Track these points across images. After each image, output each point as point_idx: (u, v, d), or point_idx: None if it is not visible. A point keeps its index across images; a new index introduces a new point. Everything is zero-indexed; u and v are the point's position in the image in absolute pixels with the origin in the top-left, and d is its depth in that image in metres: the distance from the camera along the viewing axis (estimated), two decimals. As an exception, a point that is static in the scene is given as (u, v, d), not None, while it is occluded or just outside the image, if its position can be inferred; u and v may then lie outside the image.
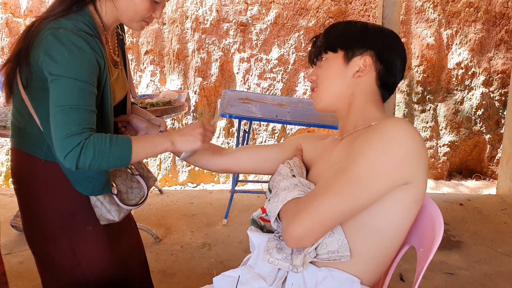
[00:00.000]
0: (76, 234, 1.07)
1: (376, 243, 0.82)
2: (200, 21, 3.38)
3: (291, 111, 2.52)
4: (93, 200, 1.05)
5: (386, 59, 0.90)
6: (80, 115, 0.92)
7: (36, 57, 0.94)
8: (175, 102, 2.52)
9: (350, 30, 0.93)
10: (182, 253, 2.20)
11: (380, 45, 0.90)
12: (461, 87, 3.58)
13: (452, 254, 2.21)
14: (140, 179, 1.15)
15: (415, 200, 0.81)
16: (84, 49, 0.92)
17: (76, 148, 0.90)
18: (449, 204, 2.88)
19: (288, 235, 0.77)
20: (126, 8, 0.99)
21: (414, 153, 0.77)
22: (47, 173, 1.03)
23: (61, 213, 1.05)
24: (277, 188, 0.87)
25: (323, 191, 0.77)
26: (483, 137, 3.59)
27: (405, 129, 0.77)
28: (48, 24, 0.94)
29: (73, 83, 0.91)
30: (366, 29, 0.92)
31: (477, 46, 3.51)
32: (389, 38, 0.92)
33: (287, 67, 3.46)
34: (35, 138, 1.02)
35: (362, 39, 0.91)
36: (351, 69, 0.90)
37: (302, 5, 3.43)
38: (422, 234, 0.89)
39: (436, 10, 3.48)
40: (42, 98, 0.98)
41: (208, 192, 3.15)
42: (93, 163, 0.91)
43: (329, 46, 0.93)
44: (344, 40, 0.92)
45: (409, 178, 0.77)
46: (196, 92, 3.43)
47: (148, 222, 2.50)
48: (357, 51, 0.90)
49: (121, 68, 1.13)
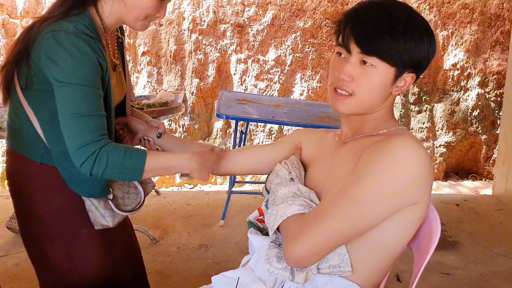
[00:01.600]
0: (71, 236, 1.06)
1: (377, 256, 0.81)
2: (197, 22, 3.38)
3: (288, 112, 2.52)
4: (87, 204, 1.04)
5: (419, 76, 0.85)
6: (92, 122, 0.93)
7: (36, 59, 0.94)
8: (172, 103, 2.51)
9: (420, 50, 0.78)
10: (179, 255, 2.20)
11: (425, 60, 0.81)
12: (457, 88, 3.60)
13: (448, 254, 2.22)
14: (138, 185, 1.14)
15: (419, 218, 0.80)
16: (86, 51, 0.92)
17: (91, 157, 0.92)
18: (445, 204, 2.89)
19: (289, 255, 0.75)
20: (132, 5, 0.98)
21: (422, 175, 0.75)
22: (43, 175, 1.03)
23: (56, 215, 1.05)
24: (275, 195, 0.85)
25: (327, 212, 0.75)
26: (479, 137, 3.61)
27: (415, 150, 0.74)
28: (48, 26, 0.93)
29: (80, 89, 0.91)
30: (432, 50, 0.80)
31: (473, 47, 3.53)
32: (434, 45, 0.82)
33: (284, 68, 3.46)
34: (31, 140, 1.01)
35: (424, 63, 0.81)
36: (395, 86, 0.82)
37: (299, 7, 3.44)
38: (420, 235, 0.90)
39: (432, 11, 3.50)
40: (42, 99, 0.98)
41: (205, 193, 3.14)
42: (106, 173, 0.93)
43: (385, 57, 0.78)
44: (409, 60, 0.79)
45: (416, 199, 0.76)
46: (193, 93, 3.42)
47: (145, 223, 2.49)
48: (407, 69, 0.80)
49: (119, 71, 1.13)
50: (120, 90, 1.13)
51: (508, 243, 2.34)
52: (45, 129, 0.99)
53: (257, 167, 1.06)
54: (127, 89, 1.17)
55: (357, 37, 0.78)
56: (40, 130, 0.99)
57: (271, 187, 0.92)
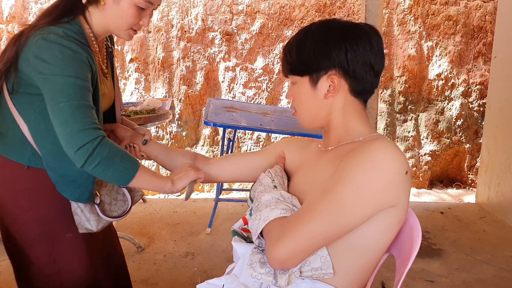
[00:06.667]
0: (55, 241, 1.06)
1: (358, 259, 0.82)
2: (186, 29, 3.39)
3: (275, 120, 2.54)
4: (73, 207, 1.04)
5: (354, 70, 0.84)
6: (88, 111, 0.93)
7: (25, 63, 0.94)
8: (159, 110, 2.50)
9: (304, 53, 0.86)
10: (165, 263, 2.17)
11: (343, 59, 0.83)
12: (442, 97, 3.67)
13: (432, 262, 2.25)
14: (126, 192, 1.14)
15: (398, 220, 0.82)
16: (76, 50, 0.93)
17: (93, 142, 0.90)
18: (430, 212, 2.93)
19: (272, 257, 0.76)
20: (114, 16, 1.00)
21: (400, 177, 0.77)
22: (29, 179, 1.02)
23: (39, 219, 1.04)
24: (259, 201, 0.87)
25: (308, 214, 0.76)
26: (463, 146, 3.68)
27: (392, 153, 0.77)
28: (38, 30, 0.94)
29: (73, 80, 0.91)
30: (322, 47, 0.84)
31: (456, 58, 3.61)
32: (352, 45, 0.83)
33: (272, 77, 3.49)
34: (18, 144, 1.01)
35: (321, 60, 0.85)
36: (321, 91, 0.87)
37: (287, 16, 3.48)
38: (401, 241, 0.91)
39: (417, 23, 3.58)
40: (29, 102, 0.98)
41: (192, 201, 3.12)
42: (100, 165, 0.92)
43: (291, 71, 0.90)
44: (302, 66, 0.87)
45: (394, 201, 0.78)
46: (181, 100, 3.42)
47: (130, 231, 2.46)
48: (321, 72, 0.85)
49: (108, 79, 1.13)
50: (108, 98, 1.13)
51: (490, 250, 2.38)
52: (34, 130, 0.99)
53: (244, 174, 1.07)
54: (116, 97, 1.17)
55: (281, 63, 0.93)
56: (28, 132, 0.99)
57: (255, 195, 0.93)
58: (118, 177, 0.95)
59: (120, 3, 0.98)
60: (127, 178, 0.95)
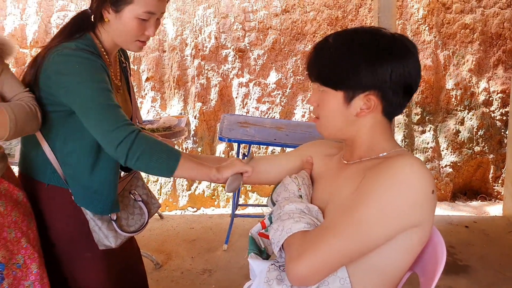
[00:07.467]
0: (76, 260, 1.07)
1: (378, 279, 0.79)
2: (199, 48, 3.44)
3: (290, 134, 2.52)
4: (91, 224, 1.05)
5: (393, 93, 0.79)
6: (116, 110, 0.96)
7: (46, 82, 0.98)
8: (175, 127, 2.53)
9: (344, 67, 0.78)
10: (183, 280, 2.15)
11: (387, 80, 0.78)
12: (461, 107, 3.58)
13: (459, 279, 2.14)
14: (143, 206, 1.15)
15: (421, 241, 0.79)
16: (90, 58, 0.97)
17: (130, 136, 0.92)
18: (454, 226, 2.82)
19: (291, 274, 0.75)
20: (117, 31, 1.02)
21: (425, 197, 0.74)
22: (50, 197, 1.05)
23: (61, 238, 1.06)
24: (282, 209, 0.84)
25: (331, 232, 0.74)
26: (486, 157, 3.56)
27: (418, 171, 0.73)
28: (52, 49, 0.99)
29: (94, 85, 0.95)
30: (367, 65, 0.77)
31: (475, 66, 3.54)
32: (398, 67, 0.78)
33: (285, 91, 3.49)
34: (39, 162, 1.04)
35: (362, 79, 0.78)
36: (353, 109, 0.81)
37: (299, 30, 3.50)
38: (424, 259, 0.87)
39: (432, 32, 3.53)
40: (51, 120, 1.02)
41: (208, 217, 3.11)
42: (142, 157, 0.92)
43: (323, 82, 0.82)
44: (339, 80, 0.80)
45: (418, 221, 0.75)
46: (196, 117, 3.45)
47: (148, 248, 2.46)
48: (358, 90, 0.79)
49: (122, 92, 1.15)
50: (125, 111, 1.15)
51: (521, 266, 2.26)
52: (57, 147, 1.02)
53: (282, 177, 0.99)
54: (133, 110, 1.19)
55: (307, 65, 0.86)
56: (50, 151, 1.02)
57: (278, 200, 0.90)
58: (162, 167, 0.94)
59: (121, 18, 1.00)
60: (171, 167, 0.94)
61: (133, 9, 0.98)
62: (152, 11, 1.00)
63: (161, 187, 3.44)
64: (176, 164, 0.94)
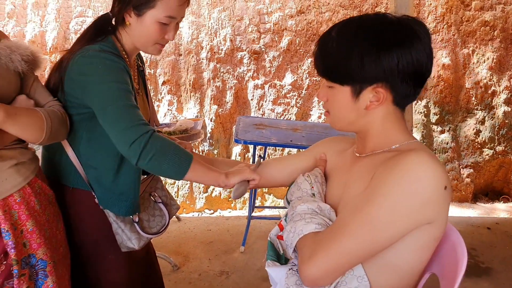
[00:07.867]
0: (101, 261, 1.09)
1: (395, 277, 0.79)
2: (215, 51, 3.47)
3: (306, 136, 2.51)
4: (114, 227, 1.07)
5: (402, 82, 0.77)
6: (134, 110, 0.97)
7: (70, 84, 1.01)
8: (192, 130, 2.56)
9: (349, 62, 0.77)
10: (200, 282, 2.17)
11: (394, 70, 0.75)
12: (482, 106, 3.50)
13: (481, 281, 2.09)
14: (163, 207, 1.16)
15: (435, 238, 0.77)
16: (114, 60, 0.99)
17: (144, 136, 0.92)
18: (475, 228, 2.75)
19: (304, 276, 0.74)
20: (138, 34, 1.04)
21: (438, 193, 0.72)
22: (74, 200, 1.08)
23: (87, 240, 1.09)
24: (294, 210, 0.84)
25: (341, 232, 0.73)
26: (509, 157, 3.46)
27: (429, 167, 0.71)
28: (77, 52, 1.01)
29: (115, 85, 0.96)
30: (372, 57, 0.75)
31: (496, 64, 3.45)
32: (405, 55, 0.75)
33: (301, 92, 3.48)
34: (63, 166, 1.07)
35: (368, 72, 0.76)
36: (363, 102, 0.80)
37: (314, 31, 3.49)
38: (444, 261, 0.85)
39: (451, 30, 3.47)
40: (77, 122, 1.04)
41: (225, 219, 3.12)
42: (155, 158, 0.92)
43: (330, 77, 0.82)
44: (345, 75, 0.79)
45: (432, 218, 0.74)
46: (212, 120, 3.47)
47: (166, 250, 2.49)
48: (366, 83, 0.78)
49: (141, 95, 1.18)
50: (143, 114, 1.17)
51: (547, 269, 2.19)
52: (81, 150, 1.04)
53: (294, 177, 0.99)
54: (151, 113, 1.21)
55: (313, 60, 0.85)
56: (73, 155, 1.04)
57: (291, 199, 0.91)
58: (174, 169, 0.94)
59: (143, 21, 1.02)
60: (182, 170, 0.95)
61: (155, 14, 1.00)
62: (173, 16, 1.02)
63: (179, 189, 3.47)
64: (187, 167, 0.94)
